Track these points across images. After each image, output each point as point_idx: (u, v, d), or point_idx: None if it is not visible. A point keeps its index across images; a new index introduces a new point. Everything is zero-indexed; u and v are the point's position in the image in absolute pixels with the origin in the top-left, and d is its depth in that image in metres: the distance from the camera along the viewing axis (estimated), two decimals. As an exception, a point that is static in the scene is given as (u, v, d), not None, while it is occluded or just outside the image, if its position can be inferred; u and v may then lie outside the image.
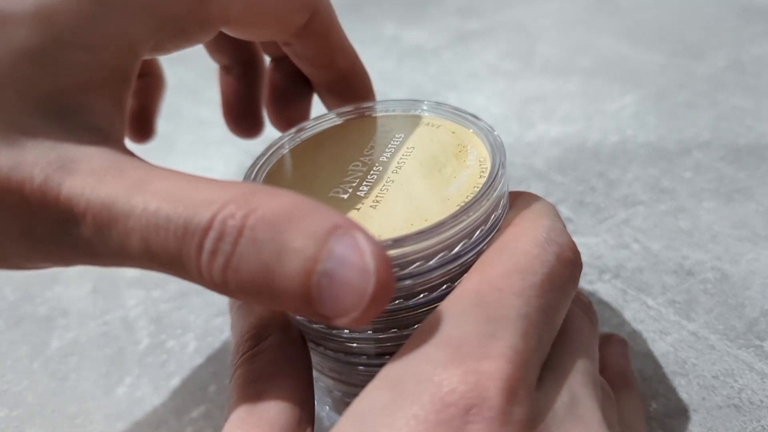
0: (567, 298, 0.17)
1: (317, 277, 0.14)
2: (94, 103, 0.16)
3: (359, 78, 0.25)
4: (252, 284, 0.14)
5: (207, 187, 0.15)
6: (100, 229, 0.15)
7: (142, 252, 0.15)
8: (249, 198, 0.14)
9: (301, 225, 0.14)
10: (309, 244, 0.14)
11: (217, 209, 0.14)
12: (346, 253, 0.14)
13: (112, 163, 0.15)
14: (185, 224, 0.14)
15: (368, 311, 0.14)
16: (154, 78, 0.28)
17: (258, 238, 0.14)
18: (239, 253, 0.14)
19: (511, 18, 0.57)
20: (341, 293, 0.14)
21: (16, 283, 0.34)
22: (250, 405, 0.17)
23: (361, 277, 0.14)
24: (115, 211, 0.15)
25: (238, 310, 0.20)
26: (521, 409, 0.14)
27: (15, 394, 0.28)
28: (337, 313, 0.14)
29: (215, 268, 0.14)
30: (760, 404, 0.23)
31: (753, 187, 0.33)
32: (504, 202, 0.19)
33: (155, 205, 0.14)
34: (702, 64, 0.45)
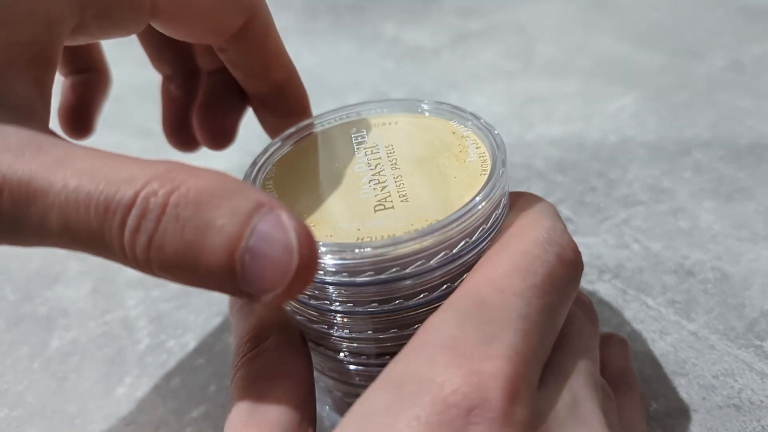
0: (568, 298, 0.17)
1: (240, 254, 0.14)
2: (12, 83, 0.16)
3: (295, 91, 0.24)
4: (175, 262, 0.14)
5: (129, 165, 0.14)
6: (17, 205, 0.14)
7: (62, 230, 0.14)
8: (172, 175, 0.14)
9: (224, 202, 0.14)
10: (233, 221, 0.14)
11: (139, 186, 0.14)
12: (270, 231, 0.14)
13: (30, 140, 0.15)
14: (107, 201, 0.14)
15: (291, 288, 0.14)
16: (99, 74, 0.27)
17: (181, 215, 0.14)
18: (162, 230, 0.14)
19: (511, 18, 0.57)
20: (265, 270, 0.14)
21: (16, 283, 0.34)
22: (251, 406, 0.17)
23: (285, 254, 0.14)
24: (33, 188, 0.14)
25: (238, 311, 0.20)
26: (522, 410, 0.14)
27: (15, 394, 0.28)
28: (261, 290, 0.14)
29: (138, 246, 0.14)
30: (760, 404, 0.23)
31: (753, 187, 0.33)
32: (504, 201, 0.19)
33: (75, 182, 0.14)
34: (702, 64, 0.45)
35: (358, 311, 0.18)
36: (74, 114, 0.27)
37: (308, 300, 0.19)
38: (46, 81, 0.17)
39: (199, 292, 0.32)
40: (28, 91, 0.16)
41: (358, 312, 0.18)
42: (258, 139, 0.29)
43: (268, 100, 0.24)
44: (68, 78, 0.27)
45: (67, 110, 0.27)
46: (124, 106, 0.48)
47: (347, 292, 0.18)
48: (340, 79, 0.48)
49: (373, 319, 0.18)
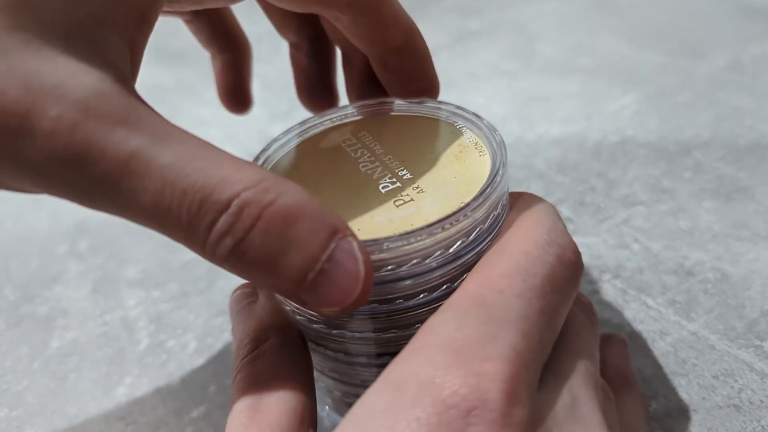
0: (568, 299, 0.17)
1: (314, 275, 0.15)
2: (110, 41, 0.16)
3: (415, 55, 0.23)
4: (251, 267, 0.15)
5: (224, 164, 0.15)
6: (110, 181, 0.15)
7: (149, 213, 0.15)
8: (265, 187, 0.15)
9: (307, 224, 0.15)
10: (313, 243, 0.15)
11: (235, 192, 0.15)
12: (343, 259, 0.15)
13: (131, 110, 0.15)
14: (201, 200, 0.15)
15: (347, 309, 0.16)
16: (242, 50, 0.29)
17: (270, 231, 0.15)
18: (249, 241, 0.15)
19: (511, 18, 0.57)
20: (331, 291, 0.15)
21: (16, 283, 0.34)
22: (252, 408, 0.17)
23: (351, 282, 0.15)
24: (130, 169, 0.15)
25: (238, 313, 0.20)
26: (522, 411, 0.14)
27: (15, 394, 0.28)
28: (322, 306, 0.16)
29: (221, 247, 0.15)
30: (760, 404, 0.23)
31: (753, 187, 0.33)
32: (504, 202, 0.19)
33: (174, 174, 0.15)
34: (702, 64, 0.45)
35: (358, 311, 0.18)
36: (233, 93, 0.29)
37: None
38: (141, 41, 0.17)
39: (198, 292, 0.32)
40: (124, 51, 0.16)
41: (358, 312, 0.18)
42: (258, 140, 0.29)
43: (389, 63, 0.23)
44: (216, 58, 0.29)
45: (225, 91, 0.29)
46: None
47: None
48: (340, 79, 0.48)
49: (373, 320, 0.18)
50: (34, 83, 0.14)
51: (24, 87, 0.14)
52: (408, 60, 0.23)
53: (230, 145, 0.42)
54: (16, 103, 0.14)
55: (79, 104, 0.14)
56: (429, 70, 0.24)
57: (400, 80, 0.23)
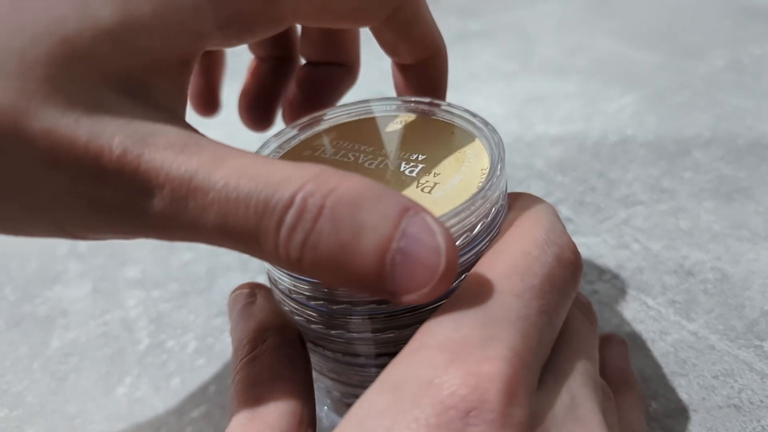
0: (567, 299, 0.17)
1: (392, 255, 0.14)
2: (161, 85, 0.17)
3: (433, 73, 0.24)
4: (327, 261, 0.15)
5: (282, 167, 0.15)
6: (176, 201, 0.15)
7: (218, 227, 0.15)
8: (325, 177, 0.15)
9: (375, 206, 0.15)
10: (384, 223, 0.14)
11: (297, 187, 0.15)
12: (419, 233, 0.14)
13: (188, 138, 0.16)
14: (266, 200, 0.15)
15: (436, 288, 0.14)
16: (218, 54, 0.29)
17: (337, 216, 0.14)
18: (318, 230, 0.14)
19: (511, 19, 0.57)
20: (414, 270, 0.14)
21: (16, 283, 0.34)
22: (251, 409, 0.17)
23: (433, 256, 0.14)
24: (195, 184, 0.15)
25: (237, 314, 0.20)
26: (521, 411, 0.14)
27: (15, 394, 0.28)
28: (408, 290, 0.15)
29: (293, 244, 0.15)
30: (760, 404, 0.23)
31: (753, 187, 0.33)
32: (503, 202, 0.19)
33: (236, 181, 0.15)
34: (701, 64, 0.45)
35: (357, 312, 0.18)
36: (203, 96, 0.29)
37: (307, 300, 0.19)
38: (185, 84, 0.18)
39: (198, 292, 0.32)
40: (173, 92, 0.17)
41: (357, 312, 0.18)
42: (258, 138, 0.29)
43: (409, 71, 0.24)
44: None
45: (196, 93, 0.29)
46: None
47: (346, 292, 0.18)
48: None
49: (372, 320, 0.18)
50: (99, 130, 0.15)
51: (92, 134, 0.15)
52: (425, 76, 0.24)
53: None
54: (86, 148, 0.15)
55: (141, 139, 0.15)
56: (441, 91, 0.24)
57: (412, 89, 0.24)
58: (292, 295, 0.19)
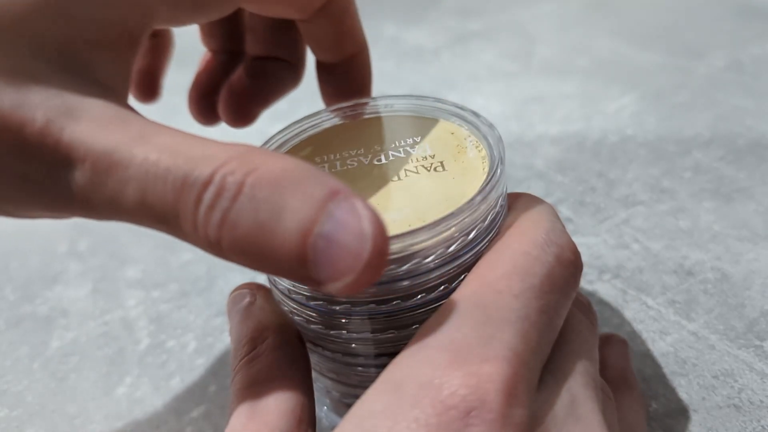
0: (567, 299, 0.17)
1: (314, 239, 0.13)
2: (101, 60, 0.16)
3: (361, 67, 0.24)
4: (246, 242, 0.14)
5: (209, 144, 0.15)
6: (97, 175, 0.15)
7: (138, 203, 0.15)
8: (250, 157, 0.14)
9: (300, 187, 0.14)
10: (308, 205, 0.14)
11: (217, 165, 0.14)
12: (345, 217, 0.14)
13: (116, 114, 0.15)
14: (184, 176, 0.14)
15: (362, 277, 0.14)
16: (164, 39, 0.28)
17: (257, 196, 0.14)
18: (237, 209, 0.14)
19: (511, 18, 0.57)
20: (337, 256, 0.13)
21: (16, 283, 0.34)
22: (250, 409, 0.17)
23: (358, 241, 0.13)
24: (115, 159, 0.15)
25: (236, 314, 0.20)
26: (521, 411, 0.14)
27: (15, 394, 0.28)
28: (331, 277, 0.14)
29: (211, 222, 0.14)
30: (760, 404, 0.23)
31: (753, 187, 0.33)
32: (502, 202, 0.19)
33: (155, 156, 0.14)
34: (701, 64, 0.45)
35: (356, 312, 0.18)
36: (143, 79, 0.29)
37: (306, 300, 0.19)
38: (130, 61, 0.17)
39: (198, 292, 0.32)
40: (115, 70, 0.17)
41: (356, 312, 0.18)
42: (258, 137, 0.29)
43: (335, 70, 0.24)
44: None
45: (136, 75, 0.28)
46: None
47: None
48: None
49: (371, 320, 0.18)
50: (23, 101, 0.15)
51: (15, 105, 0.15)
52: (355, 71, 0.24)
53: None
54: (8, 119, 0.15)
55: (66, 112, 0.15)
56: (369, 86, 0.25)
57: (341, 88, 0.24)
58: (291, 295, 0.19)
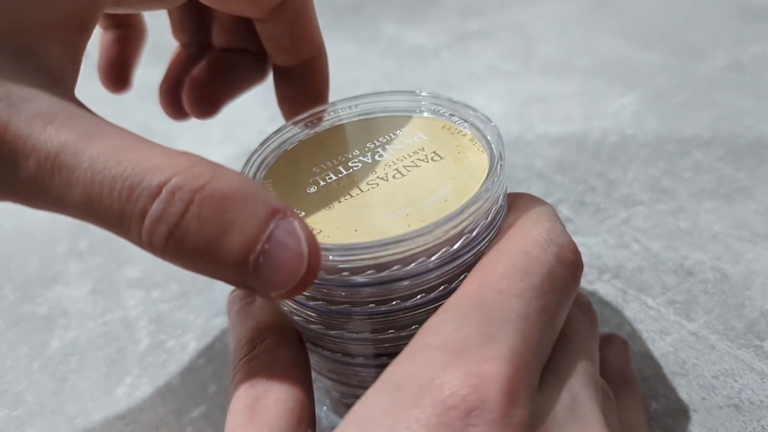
0: (568, 299, 0.17)
1: (256, 256, 0.15)
2: (47, 48, 0.16)
3: (318, 72, 0.24)
4: (191, 255, 0.15)
5: (155, 152, 0.15)
6: (42, 174, 0.15)
7: (83, 205, 0.15)
8: (196, 171, 0.15)
9: (244, 206, 0.15)
10: (251, 224, 0.15)
11: (164, 178, 0.14)
12: (284, 238, 0.15)
13: (61, 109, 0.15)
14: (131, 187, 0.14)
15: (294, 290, 0.15)
16: (135, 29, 0.28)
17: (204, 214, 0.14)
18: (184, 226, 0.14)
19: (511, 18, 0.57)
20: (276, 272, 0.15)
21: (16, 283, 0.34)
22: (250, 410, 0.17)
23: (296, 260, 0.15)
24: (60, 161, 0.15)
25: (236, 314, 0.20)
26: (522, 411, 0.14)
27: (15, 394, 0.28)
28: (268, 289, 0.15)
29: (157, 235, 0.15)
30: (760, 404, 0.23)
31: (753, 187, 0.33)
32: (502, 202, 0.19)
33: (102, 164, 0.14)
34: (702, 64, 0.45)
35: (356, 312, 0.18)
36: (113, 68, 0.28)
37: (306, 301, 0.19)
38: (79, 48, 0.17)
39: (198, 292, 0.32)
40: (62, 57, 0.17)
41: (356, 313, 0.18)
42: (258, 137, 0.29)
43: (291, 74, 0.24)
44: (106, 32, 0.28)
45: (106, 64, 0.28)
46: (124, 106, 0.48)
47: (345, 293, 0.18)
48: (340, 79, 0.48)
49: (371, 320, 0.18)
50: None
51: None
52: (310, 76, 0.24)
53: (230, 145, 0.42)
54: None
55: (11, 106, 0.15)
56: (325, 92, 0.25)
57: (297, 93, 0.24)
58: (291, 295, 0.19)
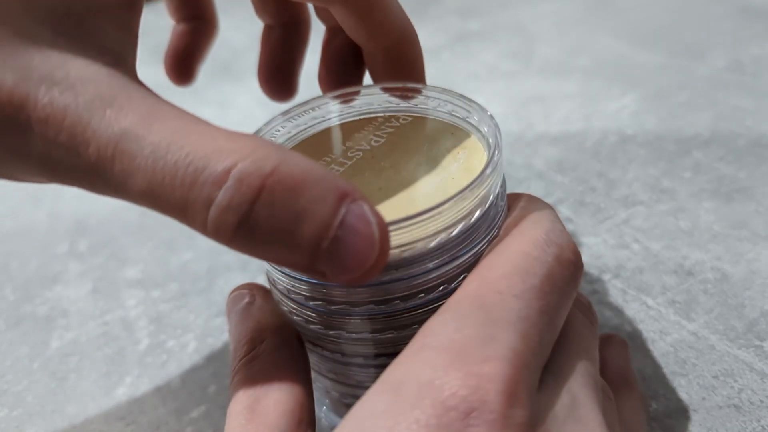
0: (568, 299, 0.17)
1: (328, 243, 0.14)
2: (104, 26, 0.16)
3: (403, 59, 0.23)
4: (262, 245, 0.14)
5: (218, 135, 0.14)
6: (102, 161, 0.14)
7: (144, 193, 0.14)
8: (262, 155, 0.14)
9: (314, 191, 0.14)
10: (323, 211, 0.14)
11: (230, 163, 0.14)
12: (356, 223, 0.14)
13: (121, 90, 0.15)
14: (194, 173, 0.14)
15: (367, 275, 0.15)
16: (206, 23, 0.28)
17: (275, 202, 0.14)
18: (255, 215, 0.14)
19: (511, 18, 0.57)
20: (348, 258, 0.14)
21: (16, 283, 0.34)
22: (249, 410, 0.17)
23: (368, 246, 0.14)
24: (121, 148, 0.14)
25: (236, 314, 0.20)
26: (522, 412, 0.14)
27: (15, 394, 0.28)
28: (338, 274, 0.15)
29: (225, 225, 0.14)
30: (760, 404, 0.23)
31: (753, 187, 0.33)
32: (502, 200, 0.19)
33: (164, 149, 0.14)
34: (701, 64, 0.45)
35: (356, 312, 0.18)
36: (180, 59, 0.28)
37: (306, 301, 0.19)
38: (134, 25, 0.17)
39: (198, 292, 0.32)
40: (119, 35, 0.16)
41: (356, 313, 0.18)
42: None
43: (376, 60, 0.23)
44: (178, 24, 0.27)
45: (173, 55, 0.28)
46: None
47: (345, 293, 0.18)
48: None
49: (371, 320, 0.18)
50: (27, 73, 0.15)
51: (18, 78, 0.14)
52: (395, 63, 0.23)
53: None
54: (10, 95, 0.14)
55: (69, 90, 0.14)
56: (416, 77, 0.23)
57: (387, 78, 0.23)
58: (290, 296, 0.19)
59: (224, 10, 0.31)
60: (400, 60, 0.23)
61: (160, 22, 0.27)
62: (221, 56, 0.56)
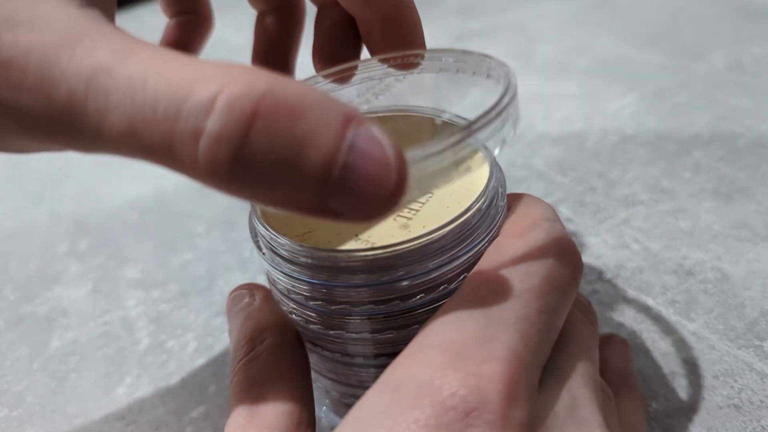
0: (567, 299, 0.17)
1: (338, 171, 0.12)
2: None
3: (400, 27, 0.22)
4: (263, 181, 0.12)
5: (199, 64, 0.13)
6: (75, 104, 0.13)
7: (124, 135, 0.13)
8: (253, 79, 0.12)
9: (316, 113, 0.12)
10: (328, 134, 0.12)
11: (217, 89, 0.12)
12: (367, 146, 0.12)
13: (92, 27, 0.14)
14: (178, 103, 0.12)
15: (386, 206, 0.13)
16: (200, 18, 0.27)
17: (273, 127, 0.12)
18: (250, 144, 0.12)
19: (511, 18, 0.57)
20: (364, 186, 0.12)
21: (16, 283, 0.34)
22: (249, 410, 0.17)
23: (384, 169, 0.13)
24: (95, 84, 0.13)
25: (235, 314, 0.20)
26: (521, 412, 0.14)
27: (15, 394, 0.28)
28: (355, 207, 0.13)
29: (218, 160, 0.12)
30: (760, 404, 0.23)
31: (753, 187, 0.33)
32: (502, 200, 0.19)
33: (142, 80, 0.12)
34: (701, 64, 0.45)
35: (356, 312, 0.18)
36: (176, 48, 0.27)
37: (306, 301, 0.19)
38: None
39: (198, 292, 0.32)
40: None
41: (355, 313, 0.18)
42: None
43: (373, 29, 0.22)
44: (172, 19, 0.26)
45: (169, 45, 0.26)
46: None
47: (344, 293, 0.18)
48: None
49: (371, 320, 0.18)
50: None
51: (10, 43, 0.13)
52: (393, 31, 0.21)
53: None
54: None
55: (35, 29, 0.13)
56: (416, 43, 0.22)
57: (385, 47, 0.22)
58: (290, 295, 0.19)
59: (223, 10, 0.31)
60: (398, 27, 0.21)
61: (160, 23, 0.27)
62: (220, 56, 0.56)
